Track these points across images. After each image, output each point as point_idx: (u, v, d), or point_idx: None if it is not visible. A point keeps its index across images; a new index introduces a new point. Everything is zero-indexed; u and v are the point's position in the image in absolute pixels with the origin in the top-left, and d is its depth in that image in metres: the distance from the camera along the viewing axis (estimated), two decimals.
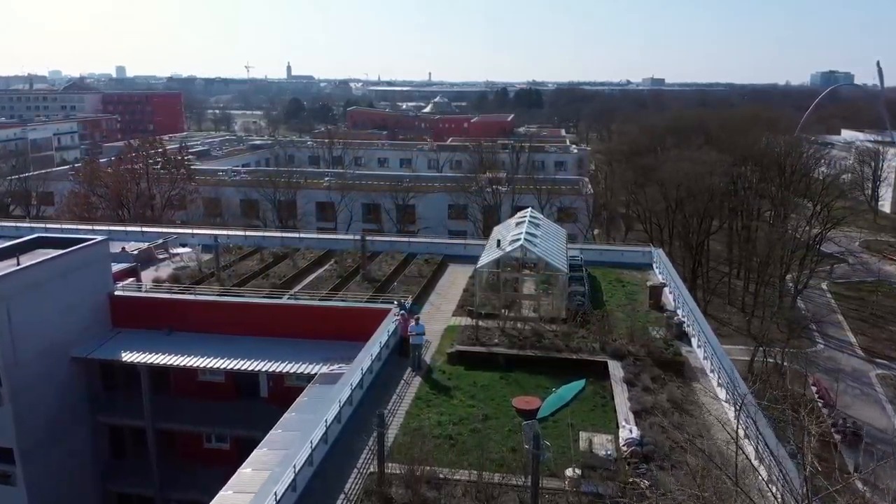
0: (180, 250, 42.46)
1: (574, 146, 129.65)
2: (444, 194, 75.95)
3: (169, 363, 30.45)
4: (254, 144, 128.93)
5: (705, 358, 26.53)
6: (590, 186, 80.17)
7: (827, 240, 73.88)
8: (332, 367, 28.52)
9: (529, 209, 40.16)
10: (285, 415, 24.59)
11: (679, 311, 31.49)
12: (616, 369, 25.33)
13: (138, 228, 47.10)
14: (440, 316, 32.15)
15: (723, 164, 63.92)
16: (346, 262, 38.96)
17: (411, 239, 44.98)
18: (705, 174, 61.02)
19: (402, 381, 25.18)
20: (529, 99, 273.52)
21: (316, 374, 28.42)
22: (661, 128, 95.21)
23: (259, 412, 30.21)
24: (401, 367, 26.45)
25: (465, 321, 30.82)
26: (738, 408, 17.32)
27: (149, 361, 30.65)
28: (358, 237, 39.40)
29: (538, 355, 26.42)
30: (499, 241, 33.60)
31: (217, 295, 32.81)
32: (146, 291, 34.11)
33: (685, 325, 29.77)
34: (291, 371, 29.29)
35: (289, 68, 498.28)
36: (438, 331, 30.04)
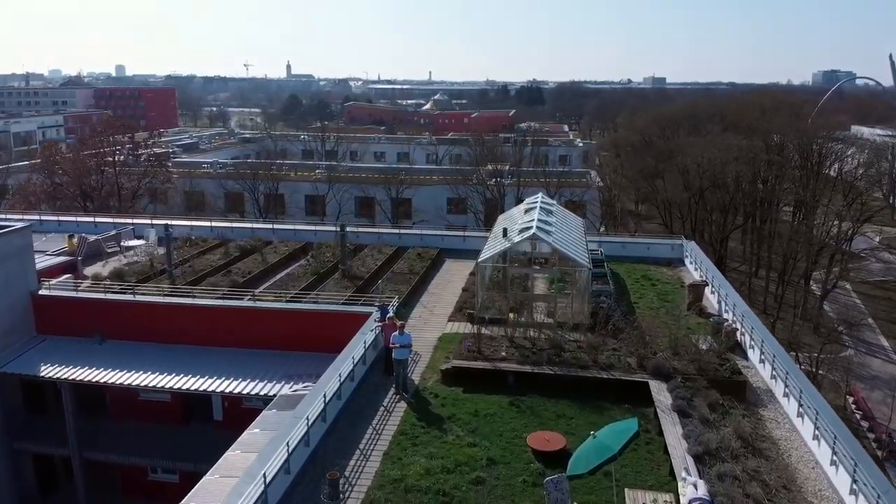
0: (133, 243, 36.57)
1: (579, 140, 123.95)
2: (442, 187, 70.01)
3: (96, 379, 24.60)
4: (244, 138, 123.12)
5: (773, 377, 20.59)
6: (598, 179, 74.38)
7: (860, 233, 67.92)
8: (294, 387, 22.68)
9: (540, 194, 34.27)
10: (227, 453, 18.80)
11: (728, 316, 25.58)
12: (661, 393, 19.42)
13: (90, 219, 41.25)
14: (434, 321, 26.28)
15: (752, 149, 57.85)
16: (324, 257, 33.04)
17: (402, 230, 38.97)
18: (731, 161, 55.00)
19: (382, 409, 19.28)
20: (531, 96, 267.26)
21: (276, 395, 22.63)
22: (673, 117, 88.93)
23: (212, 439, 24.39)
24: (381, 388, 20.56)
25: (464, 328, 24.96)
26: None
27: (71, 377, 24.81)
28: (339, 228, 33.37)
29: (558, 373, 20.50)
30: (505, 230, 27.73)
31: (163, 296, 26.90)
32: (79, 291, 28.19)
33: (739, 332, 23.88)
34: (248, 392, 23.42)
35: (288, 67, 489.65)
36: (431, 340, 24.16)
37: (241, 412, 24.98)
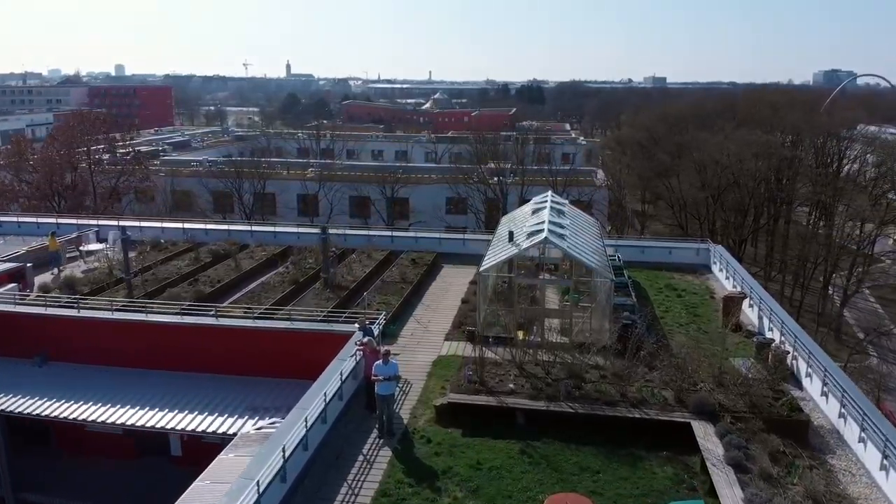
0: (93, 246, 32.80)
1: (582, 138, 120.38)
2: (442, 185, 66.29)
3: (28, 410, 20.81)
4: (237, 136, 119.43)
5: (842, 416, 16.81)
6: (605, 178, 70.59)
7: (884, 234, 64.10)
8: (259, 424, 18.91)
9: (550, 192, 30.51)
10: None
11: (772, 335, 21.82)
12: (708, 438, 15.64)
13: (53, 220, 37.55)
14: (428, 340, 22.51)
15: (772, 145, 54.00)
16: (305, 264, 29.28)
17: (395, 233, 35.09)
18: (751, 157, 51.15)
19: (360, 459, 15.51)
20: (531, 95, 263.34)
21: (237, 433, 18.88)
22: (681, 113, 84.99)
23: (169, 477, 20.79)
24: (361, 429, 16.79)
25: (464, 348, 21.23)
26: None
27: (2, 407, 21.06)
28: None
29: (579, 412, 16.72)
30: (511, 233, 24.00)
31: (112, 310, 23.09)
32: (20, 303, 24.42)
33: (790, 356, 20.10)
34: (204, 430, 19.63)
35: (288, 67, 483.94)
36: (424, 364, 20.41)
37: (202, 447, 21.21)
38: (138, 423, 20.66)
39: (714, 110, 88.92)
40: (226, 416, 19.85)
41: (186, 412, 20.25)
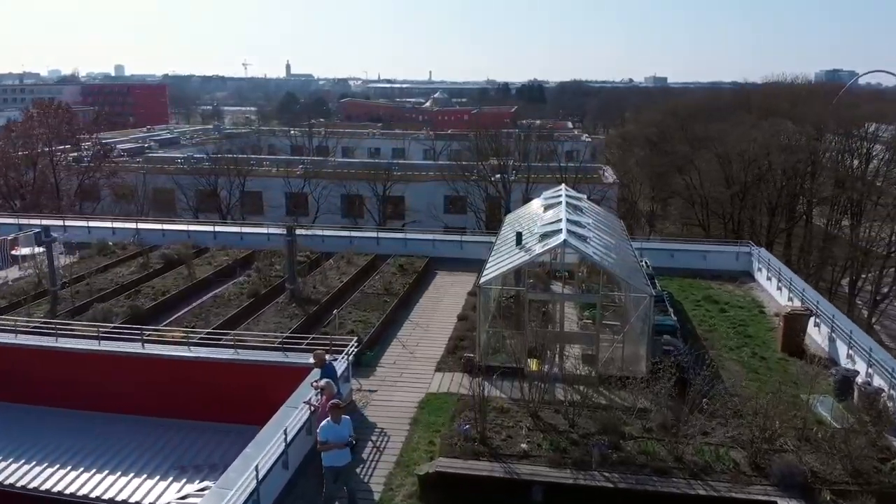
0: (27, 251, 28.06)
1: (586, 135, 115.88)
2: (439, 183, 61.57)
3: None
4: (227, 133, 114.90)
5: None
6: (614, 175, 65.91)
7: None
8: (185, 491, 14.22)
9: (563, 186, 25.81)
10: None
11: (854, 365, 17.11)
12: None
13: None
14: (414, 370, 17.80)
15: (803, 135, 49.10)
16: (272, 271, 24.57)
17: (381, 234, 30.25)
18: (780, 150, 46.35)
19: None
20: (532, 94, 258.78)
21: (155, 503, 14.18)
22: (694, 106, 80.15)
23: None
24: None
25: (460, 382, 16.58)
26: None
27: None
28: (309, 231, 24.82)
29: (619, 486, 11.97)
30: (519, 234, 19.31)
31: (17, 333, 18.35)
32: None
33: (885, 395, 15.37)
34: (116, 497, 14.86)
35: (288, 67, 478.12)
36: (409, 405, 15.72)
37: None
38: (33, 485, 16.00)
39: (728, 103, 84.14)
40: (145, 476, 15.06)
41: (95, 471, 15.48)
